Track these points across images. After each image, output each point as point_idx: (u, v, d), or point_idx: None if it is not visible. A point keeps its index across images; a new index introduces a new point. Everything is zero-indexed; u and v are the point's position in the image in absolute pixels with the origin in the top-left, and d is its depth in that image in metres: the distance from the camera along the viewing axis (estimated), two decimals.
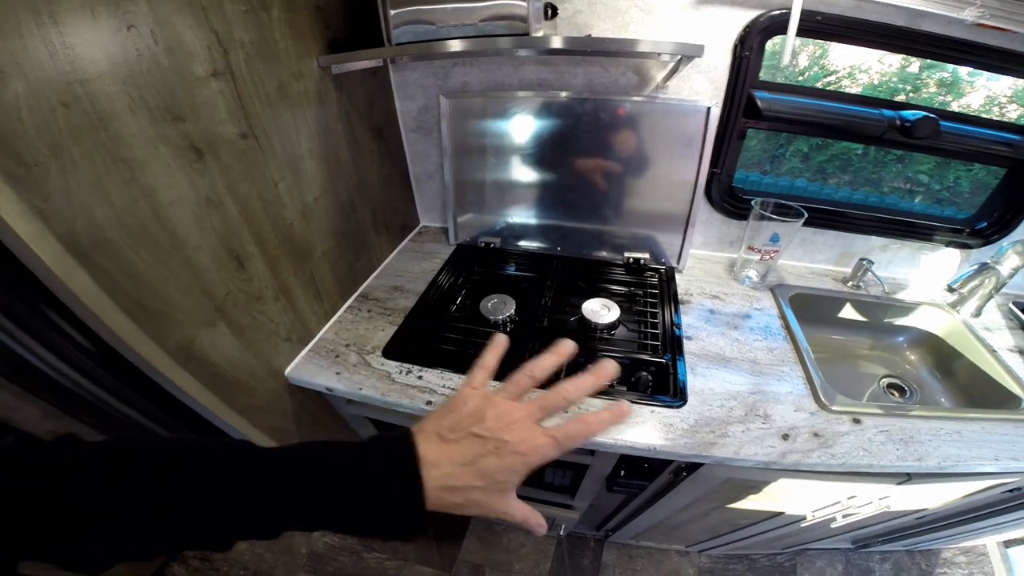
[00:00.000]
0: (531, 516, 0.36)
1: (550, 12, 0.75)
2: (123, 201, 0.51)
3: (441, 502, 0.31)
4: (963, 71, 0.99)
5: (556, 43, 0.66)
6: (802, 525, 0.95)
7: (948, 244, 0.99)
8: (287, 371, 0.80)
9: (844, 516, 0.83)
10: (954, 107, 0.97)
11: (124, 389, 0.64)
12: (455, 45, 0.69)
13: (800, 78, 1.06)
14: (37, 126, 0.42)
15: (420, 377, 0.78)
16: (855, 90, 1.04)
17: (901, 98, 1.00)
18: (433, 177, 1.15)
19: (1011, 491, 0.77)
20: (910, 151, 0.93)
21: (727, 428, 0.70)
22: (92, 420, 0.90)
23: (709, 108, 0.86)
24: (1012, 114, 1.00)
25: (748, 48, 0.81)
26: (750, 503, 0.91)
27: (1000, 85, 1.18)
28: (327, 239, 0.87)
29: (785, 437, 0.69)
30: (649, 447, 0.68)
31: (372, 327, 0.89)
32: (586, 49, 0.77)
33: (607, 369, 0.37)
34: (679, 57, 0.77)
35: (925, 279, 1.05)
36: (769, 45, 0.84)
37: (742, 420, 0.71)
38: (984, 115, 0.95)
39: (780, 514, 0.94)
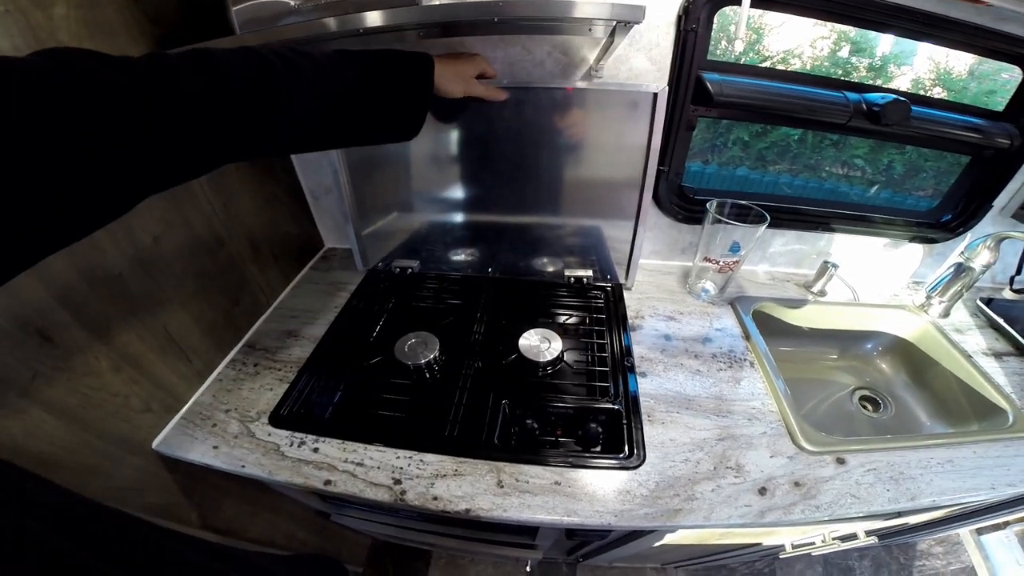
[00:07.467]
0: (488, 93, 0.67)
1: None
2: None
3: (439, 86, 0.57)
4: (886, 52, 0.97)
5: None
6: (781, 556, 0.86)
7: (912, 239, 0.91)
8: (155, 444, 0.63)
9: (823, 542, 0.74)
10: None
11: None
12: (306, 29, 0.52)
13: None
14: None
15: (316, 450, 0.62)
16: None
17: None
18: (332, 191, 0.95)
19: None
20: (879, 139, 0.83)
21: (695, 488, 0.58)
22: None
23: (656, 94, 0.71)
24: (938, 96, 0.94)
25: (694, 20, 0.68)
26: (726, 539, 0.81)
27: (924, 67, 1.16)
28: (184, 285, 0.67)
29: (762, 491, 0.58)
30: (604, 523, 0.55)
31: (258, 386, 0.71)
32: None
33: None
34: (612, 28, 0.61)
35: (889, 277, 0.97)
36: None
37: (711, 476, 0.59)
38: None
39: (758, 544, 0.85)
